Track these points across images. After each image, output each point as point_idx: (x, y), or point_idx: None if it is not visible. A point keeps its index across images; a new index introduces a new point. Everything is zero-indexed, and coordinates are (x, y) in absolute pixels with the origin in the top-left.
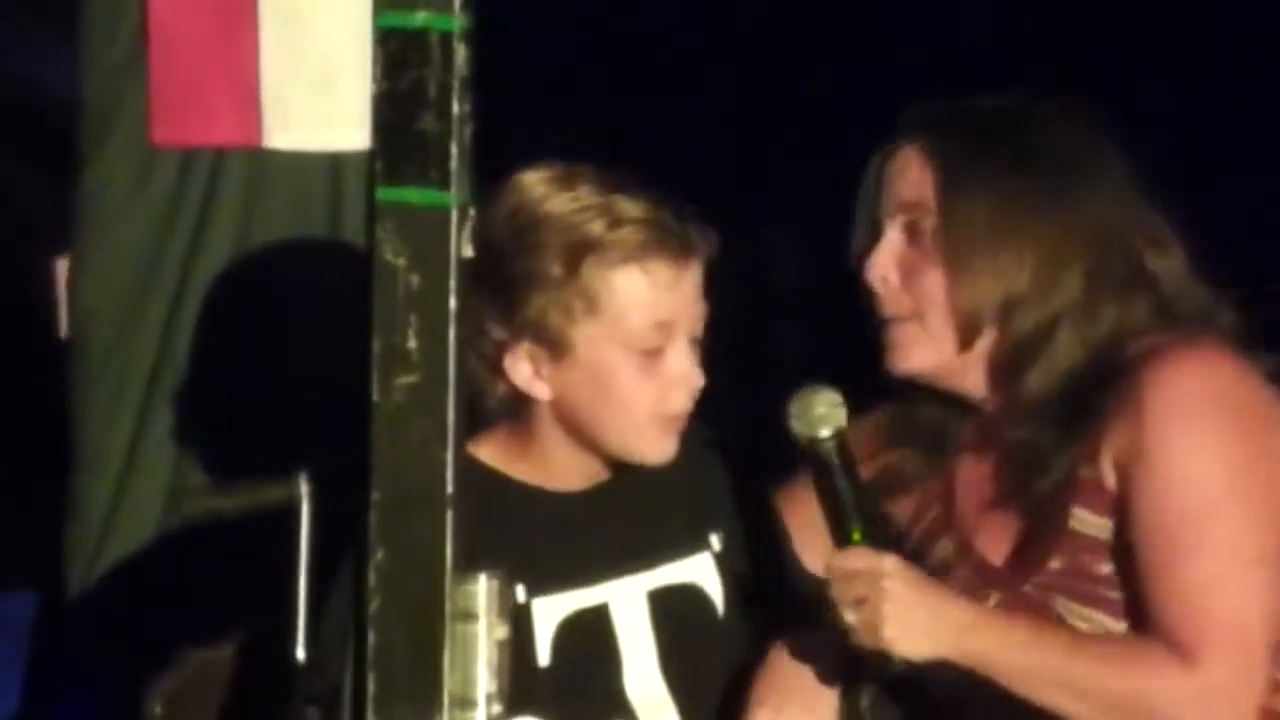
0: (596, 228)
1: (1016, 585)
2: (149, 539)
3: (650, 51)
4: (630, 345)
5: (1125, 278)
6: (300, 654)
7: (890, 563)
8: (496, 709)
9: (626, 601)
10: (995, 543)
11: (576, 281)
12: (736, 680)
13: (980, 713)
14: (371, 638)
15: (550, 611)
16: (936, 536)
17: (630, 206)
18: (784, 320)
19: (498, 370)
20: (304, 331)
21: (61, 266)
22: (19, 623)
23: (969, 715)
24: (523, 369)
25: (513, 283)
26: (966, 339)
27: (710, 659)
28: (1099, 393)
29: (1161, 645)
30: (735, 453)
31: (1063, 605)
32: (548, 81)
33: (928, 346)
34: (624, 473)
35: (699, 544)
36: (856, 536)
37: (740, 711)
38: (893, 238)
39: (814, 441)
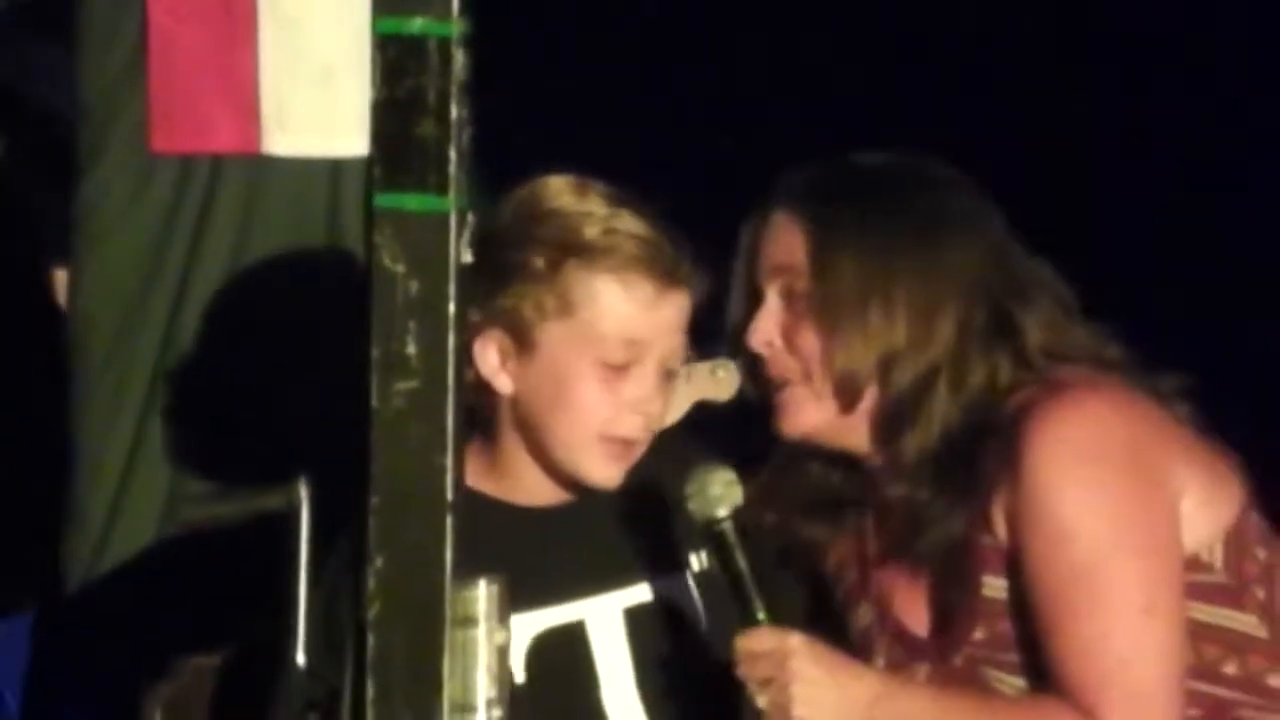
0: (590, 232)
1: (946, 659)
2: (148, 545)
3: (646, 56)
4: (595, 355)
5: (992, 329)
6: (300, 659)
7: (795, 641)
8: (497, 714)
9: (603, 619)
10: (913, 610)
11: (557, 279)
12: (714, 700)
13: None
14: (371, 643)
15: (523, 629)
16: (856, 602)
17: (630, 221)
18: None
19: (467, 356)
20: (303, 338)
21: (61, 275)
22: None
23: None
24: (490, 357)
25: (498, 270)
26: (849, 400)
27: (688, 678)
28: (981, 453)
29: (1065, 703)
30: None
31: (992, 675)
32: (546, 86)
33: (815, 408)
34: (596, 490)
35: (678, 562)
36: (761, 616)
37: None
38: (772, 303)
39: (712, 522)
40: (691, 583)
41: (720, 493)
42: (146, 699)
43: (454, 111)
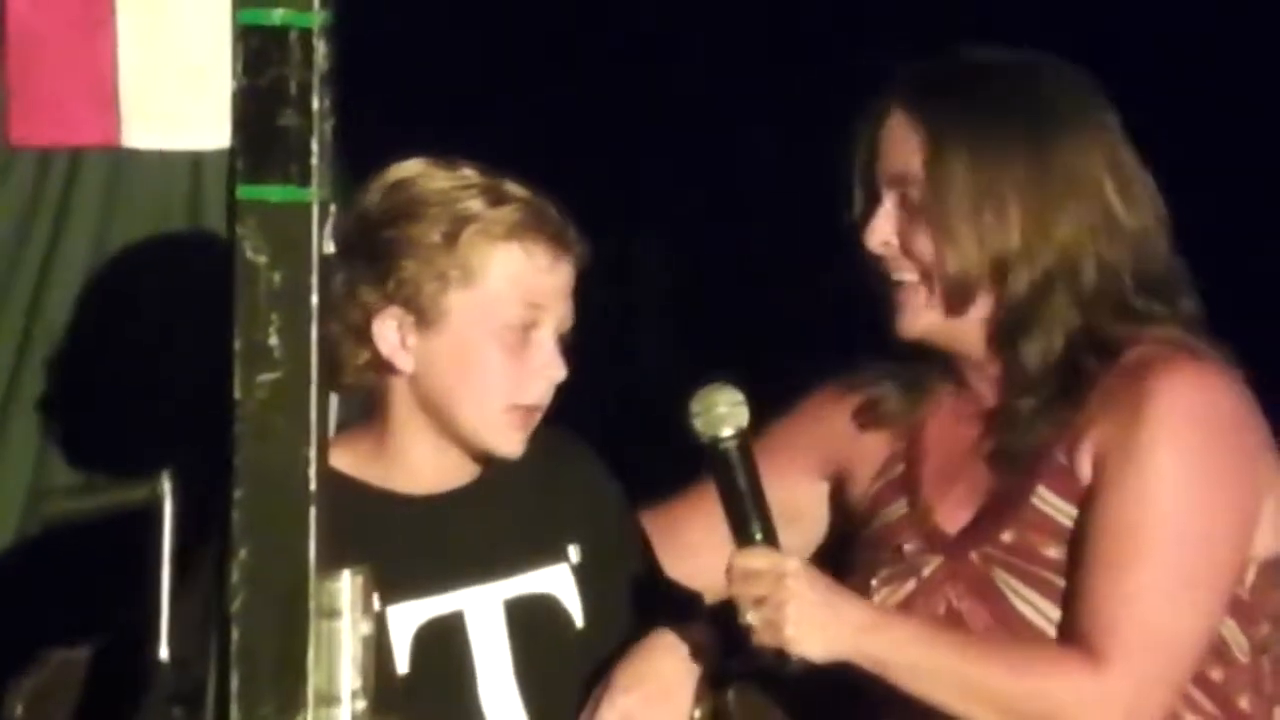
0: (479, 203)
1: (962, 552)
2: (12, 538)
3: (520, 47)
4: (499, 322)
5: (1101, 227)
6: (163, 652)
7: (792, 562)
8: (361, 705)
9: (482, 610)
10: (955, 511)
11: (455, 251)
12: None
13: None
14: (235, 635)
15: (406, 619)
16: (892, 496)
17: (513, 188)
18: (648, 327)
19: (363, 338)
20: (164, 331)
21: None
22: None
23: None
24: (389, 336)
25: (390, 249)
26: (960, 302)
27: (566, 671)
28: (1092, 381)
29: (1069, 648)
30: (596, 462)
31: (1002, 579)
32: (416, 78)
33: (928, 310)
34: (480, 478)
35: (556, 554)
36: (758, 536)
37: (600, 695)
38: (889, 206)
39: (716, 440)
40: (571, 575)
41: (726, 411)
42: (9, 691)
43: (316, 102)
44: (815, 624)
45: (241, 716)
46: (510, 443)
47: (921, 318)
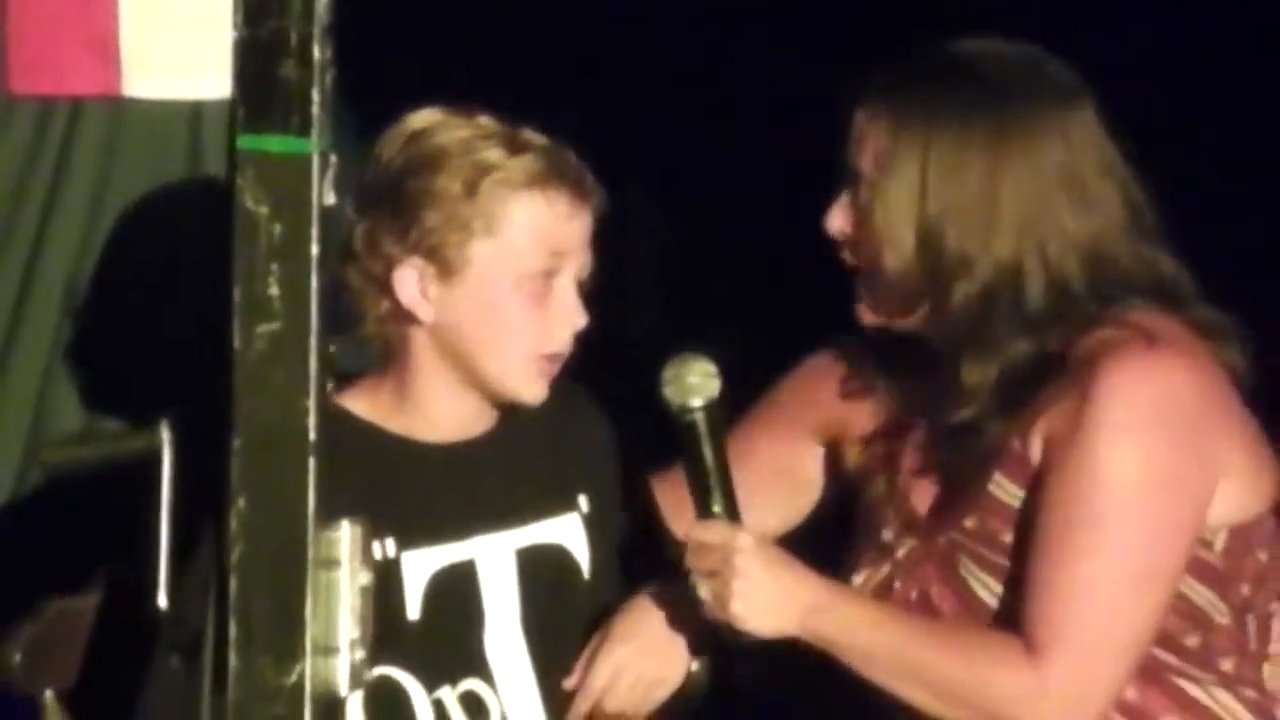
0: (498, 152)
1: (932, 536)
2: (11, 486)
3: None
4: (522, 270)
5: (1050, 240)
6: (163, 602)
7: (744, 539)
8: (359, 655)
9: (494, 558)
10: (928, 493)
11: (476, 200)
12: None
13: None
14: (233, 586)
15: (420, 565)
16: (877, 470)
17: (531, 136)
18: (642, 292)
19: (385, 288)
20: (164, 281)
21: None
22: None
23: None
24: (410, 286)
25: (411, 200)
26: (900, 305)
27: (572, 622)
28: (1044, 378)
29: (1014, 638)
30: (607, 416)
31: (965, 566)
32: (413, 33)
33: (875, 307)
34: (496, 427)
35: (567, 504)
36: (716, 509)
37: (598, 645)
38: (845, 199)
39: (684, 410)
40: (581, 525)
41: (697, 382)
42: (6, 640)
43: (317, 53)
44: (762, 602)
45: (239, 667)
46: (533, 390)
47: (869, 312)
